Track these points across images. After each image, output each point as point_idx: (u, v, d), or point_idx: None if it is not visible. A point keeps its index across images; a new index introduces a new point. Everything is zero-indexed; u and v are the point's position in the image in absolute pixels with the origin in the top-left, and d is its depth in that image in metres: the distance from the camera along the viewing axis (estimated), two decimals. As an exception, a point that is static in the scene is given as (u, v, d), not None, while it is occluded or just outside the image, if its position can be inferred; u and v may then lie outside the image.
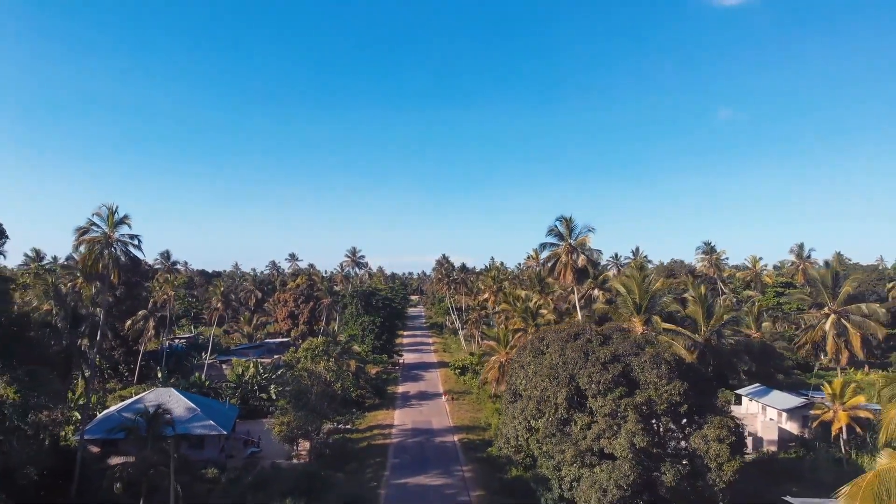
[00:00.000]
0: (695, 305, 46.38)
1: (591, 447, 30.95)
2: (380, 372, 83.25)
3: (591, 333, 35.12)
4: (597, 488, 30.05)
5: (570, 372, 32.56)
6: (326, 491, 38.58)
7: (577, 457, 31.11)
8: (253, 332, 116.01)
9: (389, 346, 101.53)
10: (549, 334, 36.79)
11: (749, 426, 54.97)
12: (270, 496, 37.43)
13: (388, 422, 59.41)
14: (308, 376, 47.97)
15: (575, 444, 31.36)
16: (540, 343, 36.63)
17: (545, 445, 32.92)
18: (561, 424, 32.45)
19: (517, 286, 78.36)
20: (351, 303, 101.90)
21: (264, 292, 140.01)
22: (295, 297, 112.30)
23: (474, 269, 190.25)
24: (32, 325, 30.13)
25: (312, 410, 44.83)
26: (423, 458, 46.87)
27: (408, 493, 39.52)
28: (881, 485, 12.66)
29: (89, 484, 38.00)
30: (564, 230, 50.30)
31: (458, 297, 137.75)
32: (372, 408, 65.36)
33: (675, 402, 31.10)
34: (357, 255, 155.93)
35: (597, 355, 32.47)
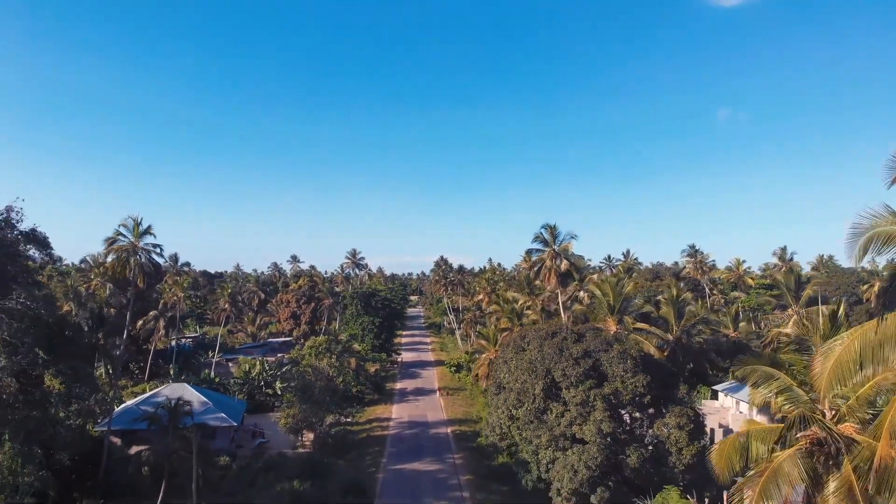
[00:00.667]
0: (667, 307, 50.30)
1: (564, 433, 34.93)
2: (379, 370, 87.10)
3: (566, 332, 39.07)
4: (569, 469, 34.04)
5: (546, 366, 36.53)
6: (329, 476, 42.55)
7: (552, 441, 35.11)
8: (257, 332, 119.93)
9: (388, 345, 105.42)
10: (530, 333, 40.79)
11: (722, 419, 59.10)
12: (278, 480, 41.46)
13: (386, 415, 63.40)
14: (312, 372, 51.93)
15: (550, 431, 35.34)
16: (521, 341, 40.61)
17: (525, 432, 36.92)
18: (538, 413, 36.43)
19: (508, 288, 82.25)
20: (351, 304, 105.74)
21: (267, 293, 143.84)
22: (297, 298, 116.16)
23: (472, 269, 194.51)
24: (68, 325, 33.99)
25: (316, 403, 48.78)
26: (418, 448, 50.87)
27: (403, 477, 43.51)
28: (738, 438, 16.60)
29: (115, 469, 42.00)
30: (549, 237, 54.30)
31: (456, 298, 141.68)
32: (371, 403, 69.34)
33: (639, 393, 35.05)
34: (357, 256, 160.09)
35: (570, 351, 36.44)
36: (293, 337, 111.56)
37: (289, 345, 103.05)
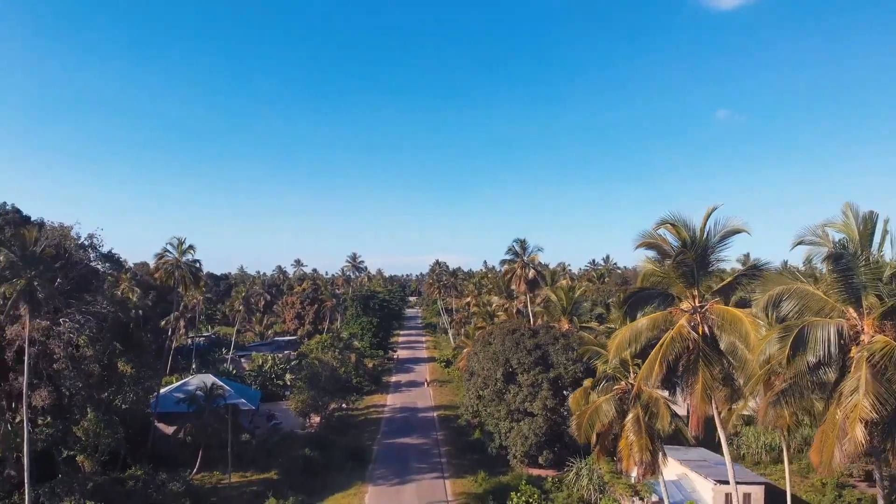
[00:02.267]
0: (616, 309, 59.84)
1: (518, 408, 44.51)
2: (376, 365, 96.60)
3: (523, 329, 48.64)
4: (521, 436, 43.67)
5: (506, 356, 46.08)
6: (334, 447, 52.07)
7: (509, 415, 44.72)
8: (264, 331, 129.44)
9: (385, 343, 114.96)
10: (496, 330, 50.42)
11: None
12: (292, 451, 50.96)
13: (381, 403, 72.94)
14: (319, 364, 61.42)
15: (508, 406, 44.93)
16: (489, 336, 50.24)
17: (489, 408, 46.54)
18: (499, 393, 45.99)
19: (491, 291, 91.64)
20: (351, 305, 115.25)
21: (272, 295, 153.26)
22: (301, 300, 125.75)
23: (470, 271, 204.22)
24: (135, 324, 43.58)
25: (322, 390, 58.29)
26: (407, 427, 60.42)
27: (394, 448, 53.07)
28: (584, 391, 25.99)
29: (158, 443, 51.51)
30: (519, 249, 63.91)
31: (449, 300, 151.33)
32: (369, 392, 78.87)
33: (577, 377, 44.47)
34: (357, 260, 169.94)
35: (524, 344, 46.00)
36: (297, 336, 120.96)
37: (294, 343, 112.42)
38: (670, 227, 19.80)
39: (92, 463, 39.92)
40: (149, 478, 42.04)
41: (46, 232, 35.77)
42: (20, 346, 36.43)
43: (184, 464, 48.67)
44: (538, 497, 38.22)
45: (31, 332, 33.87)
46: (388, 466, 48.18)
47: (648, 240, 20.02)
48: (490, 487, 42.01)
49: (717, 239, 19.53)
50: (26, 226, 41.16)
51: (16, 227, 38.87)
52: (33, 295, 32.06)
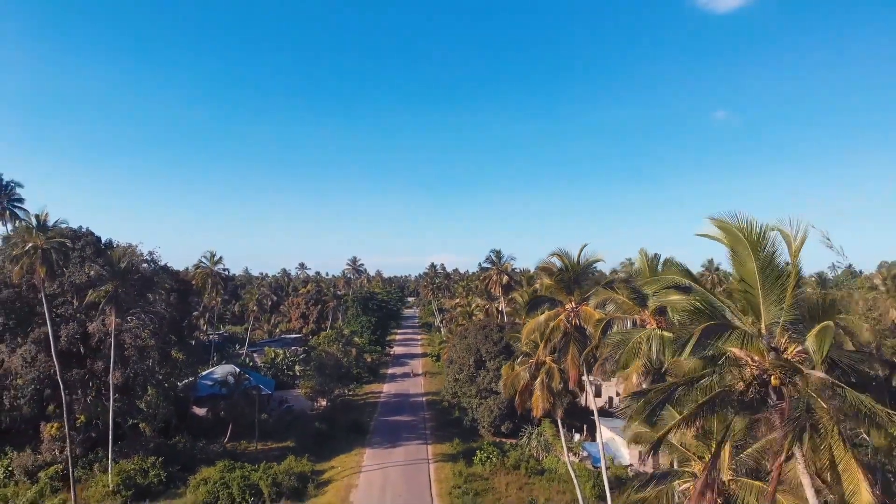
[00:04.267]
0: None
1: (486, 388, 55.71)
2: (374, 359, 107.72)
3: (493, 326, 59.90)
4: (488, 410, 54.89)
5: (477, 346, 57.31)
6: (338, 423, 63.27)
7: (478, 393, 55.94)
8: (272, 329, 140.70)
9: (383, 340, 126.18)
10: (471, 326, 61.69)
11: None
12: (304, 426, 62.15)
13: (379, 390, 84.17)
14: (325, 355, 72.62)
15: (478, 387, 56.15)
16: (465, 332, 61.52)
17: (463, 388, 57.79)
18: (471, 376, 57.21)
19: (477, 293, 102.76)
20: (352, 305, 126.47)
21: (278, 296, 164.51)
22: (306, 301, 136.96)
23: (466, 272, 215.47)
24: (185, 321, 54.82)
25: (329, 377, 69.51)
26: (400, 408, 71.67)
27: (389, 424, 64.31)
28: (512, 364, 37.37)
29: (192, 419, 62.72)
30: (495, 258, 75.23)
31: (444, 300, 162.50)
32: (367, 382, 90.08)
33: (533, 363, 55.69)
34: (357, 263, 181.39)
35: (492, 337, 57.23)
36: (302, 334, 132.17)
37: (299, 340, 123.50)
38: (558, 257, 30.92)
39: (151, 429, 51.21)
40: (192, 442, 53.44)
41: (119, 250, 46.98)
42: (99, 338, 47.80)
43: (214, 436, 59.88)
44: (497, 454, 49.55)
45: (112, 327, 45.18)
46: (382, 436, 59.46)
47: (542, 264, 31.21)
48: (462, 450, 53.21)
49: (586, 265, 30.64)
50: (99, 245, 52.48)
51: (93, 246, 50.07)
52: (117, 299, 43.36)
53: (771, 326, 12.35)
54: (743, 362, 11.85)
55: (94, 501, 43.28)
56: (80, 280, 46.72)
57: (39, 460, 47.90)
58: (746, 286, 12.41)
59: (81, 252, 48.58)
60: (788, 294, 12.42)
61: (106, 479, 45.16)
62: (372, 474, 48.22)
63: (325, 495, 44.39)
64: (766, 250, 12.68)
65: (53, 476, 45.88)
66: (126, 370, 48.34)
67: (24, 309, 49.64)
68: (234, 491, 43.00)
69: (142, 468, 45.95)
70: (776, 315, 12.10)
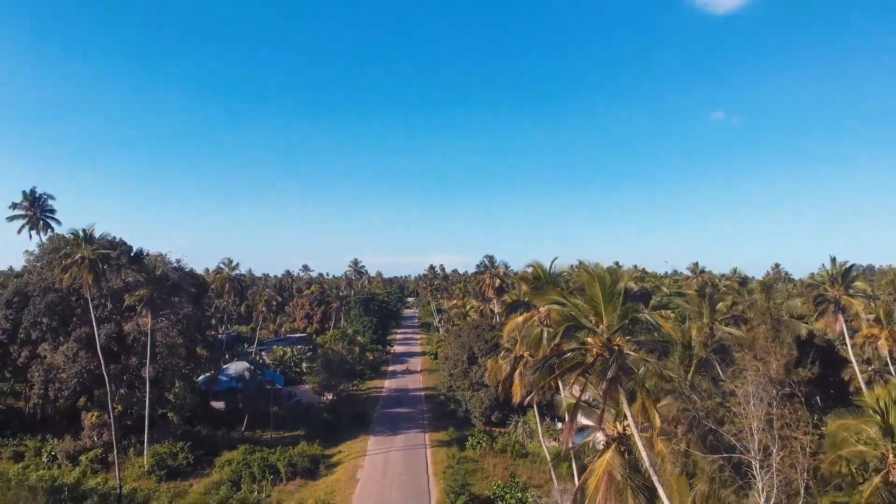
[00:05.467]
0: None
1: (477, 381, 61.76)
2: (376, 358, 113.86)
3: (484, 326, 65.98)
4: (479, 402, 60.97)
5: (470, 345, 63.38)
6: (344, 414, 69.34)
7: (471, 387, 62.01)
8: (277, 329, 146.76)
9: (384, 340, 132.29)
10: (465, 326, 67.79)
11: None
12: (314, 416, 68.22)
13: (380, 386, 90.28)
14: (332, 352, 78.67)
15: (470, 381, 62.22)
16: (459, 331, 67.61)
17: (457, 382, 63.87)
18: (465, 371, 63.27)
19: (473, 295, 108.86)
20: (355, 306, 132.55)
21: (283, 297, 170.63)
22: (310, 302, 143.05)
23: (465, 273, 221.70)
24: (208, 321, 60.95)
25: (335, 373, 75.50)
26: (400, 402, 77.79)
27: (390, 415, 70.42)
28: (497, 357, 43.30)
29: (212, 413, 68.81)
30: (489, 263, 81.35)
31: (442, 301, 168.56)
32: (370, 378, 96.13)
33: (520, 360, 61.79)
34: (358, 265, 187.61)
35: (483, 336, 63.30)
36: (307, 333, 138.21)
37: (304, 339, 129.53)
38: (533, 268, 36.99)
39: (178, 417, 57.32)
40: (212, 431, 59.54)
41: (153, 260, 53.08)
42: (133, 337, 53.96)
43: (231, 426, 65.91)
44: (487, 440, 55.69)
45: (146, 327, 51.29)
46: (384, 425, 65.60)
47: (521, 273, 37.32)
48: (456, 437, 59.29)
49: (556, 274, 36.68)
50: (131, 253, 58.54)
51: (127, 255, 56.15)
52: (153, 302, 49.45)
53: (609, 326, 18.58)
54: (590, 346, 18.14)
55: (131, 480, 49.32)
56: (117, 285, 52.83)
57: (79, 446, 53.93)
58: (594, 302, 18.77)
59: (117, 260, 54.65)
60: (619, 306, 18.74)
61: (141, 461, 51.26)
62: (375, 457, 54.32)
63: (334, 474, 50.53)
64: (604, 279, 19.02)
65: (93, 459, 51.93)
66: (157, 365, 54.42)
67: (66, 311, 55.74)
68: (255, 470, 49.08)
69: (172, 452, 52.02)
70: (611, 319, 18.36)
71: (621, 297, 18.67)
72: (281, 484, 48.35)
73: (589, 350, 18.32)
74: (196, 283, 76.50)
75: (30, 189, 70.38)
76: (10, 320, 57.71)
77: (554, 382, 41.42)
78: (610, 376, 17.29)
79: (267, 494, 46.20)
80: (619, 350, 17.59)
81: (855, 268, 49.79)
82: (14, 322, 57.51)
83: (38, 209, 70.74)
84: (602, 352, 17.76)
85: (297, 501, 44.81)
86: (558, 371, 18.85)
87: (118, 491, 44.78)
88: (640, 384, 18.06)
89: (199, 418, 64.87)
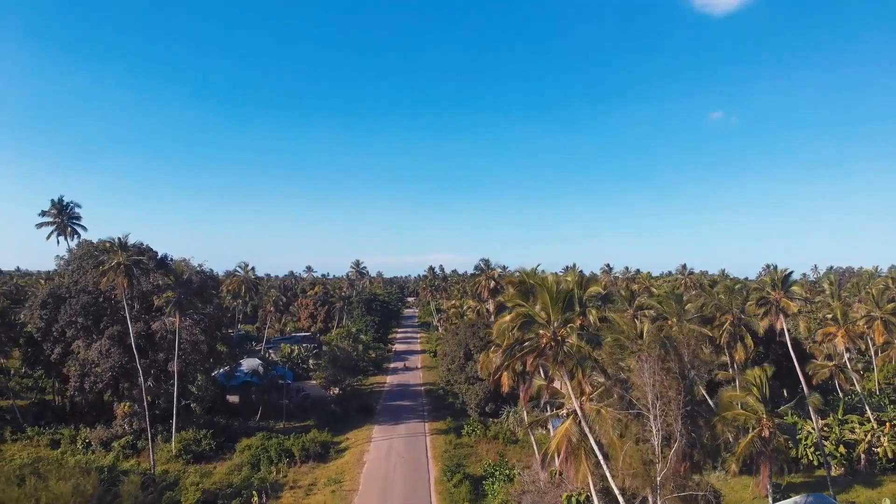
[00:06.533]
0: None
1: (473, 376, 67.24)
2: (378, 356, 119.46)
3: (480, 325, 71.53)
4: (474, 394, 66.55)
5: (466, 342, 68.91)
6: (350, 406, 74.97)
7: (467, 380, 67.57)
8: (282, 328, 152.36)
9: (385, 338, 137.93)
10: (462, 325, 73.35)
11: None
12: (322, 408, 73.85)
13: (383, 382, 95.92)
14: (338, 350, 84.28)
15: (466, 375, 67.78)
16: (457, 329, 73.18)
17: (454, 376, 69.48)
18: (461, 366, 68.82)
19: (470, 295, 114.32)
20: (357, 306, 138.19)
21: (287, 297, 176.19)
22: (314, 302, 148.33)
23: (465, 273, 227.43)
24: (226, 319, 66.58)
25: (341, 368, 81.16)
26: (402, 395, 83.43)
27: (392, 407, 76.05)
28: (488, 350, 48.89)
29: (227, 404, 74.42)
30: (484, 266, 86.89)
31: (442, 301, 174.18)
32: (372, 375, 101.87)
33: (512, 355, 67.50)
34: (360, 266, 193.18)
35: (479, 334, 68.82)
36: (311, 332, 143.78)
37: (308, 338, 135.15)
38: (520, 272, 42.54)
39: (200, 408, 62.91)
40: (230, 420, 65.15)
41: (180, 264, 58.63)
42: (161, 334, 59.51)
43: (246, 417, 71.46)
44: (481, 428, 61.30)
45: (172, 325, 56.86)
46: (387, 416, 71.25)
47: (508, 277, 42.86)
48: (454, 426, 64.93)
49: (542, 279, 42.27)
50: (157, 258, 64.05)
51: (154, 260, 61.66)
52: (181, 303, 55.03)
53: (556, 321, 24.25)
54: (542, 335, 23.81)
55: (160, 463, 54.87)
56: (146, 288, 58.41)
57: (111, 433, 59.46)
58: (544, 304, 24.41)
59: (146, 265, 60.21)
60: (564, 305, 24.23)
61: (169, 447, 56.80)
62: (380, 443, 59.93)
63: (343, 457, 56.15)
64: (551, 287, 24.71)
65: (125, 445, 57.49)
66: (181, 360, 59.98)
67: (98, 311, 61.28)
68: (272, 454, 54.65)
69: (196, 438, 57.54)
70: (557, 316, 24.00)
71: (564, 302, 24.33)
72: (296, 466, 53.89)
73: (541, 339, 23.97)
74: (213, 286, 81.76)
75: (58, 198, 75.90)
76: (45, 320, 63.19)
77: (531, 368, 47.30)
78: (559, 359, 22.94)
79: (283, 475, 51.79)
80: (562, 339, 23.20)
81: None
82: (48, 321, 63.01)
83: (65, 216, 76.25)
84: (550, 341, 23.36)
85: (311, 480, 50.40)
86: (519, 354, 24.51)
87: (152, 471, 50.34)
88: (577, 364, 23.70)
89: (216, 410, 70.54)
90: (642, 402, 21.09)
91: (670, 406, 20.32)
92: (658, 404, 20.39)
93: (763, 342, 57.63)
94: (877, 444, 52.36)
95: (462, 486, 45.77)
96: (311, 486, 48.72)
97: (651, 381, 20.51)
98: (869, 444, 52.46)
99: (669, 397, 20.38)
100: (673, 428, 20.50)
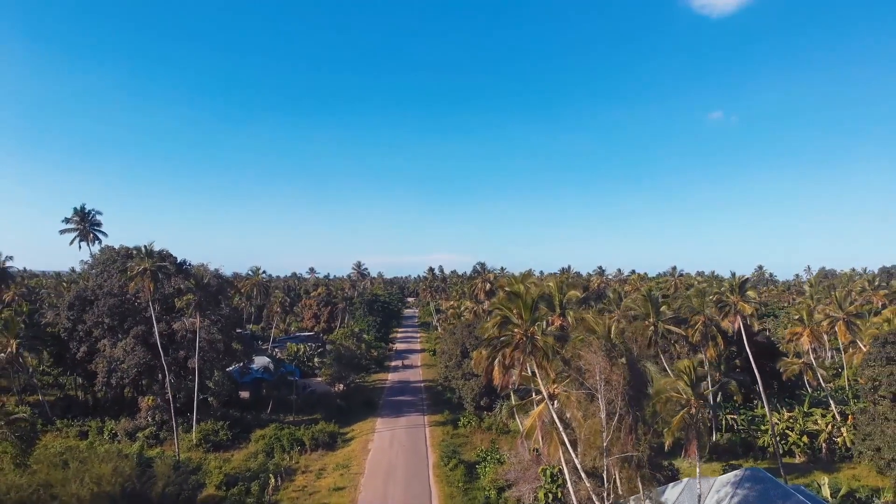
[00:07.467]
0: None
1: (469, 372, 72.44)
2: (379, 354, 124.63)
3: (476, 325, 76.70)
4: (470, 389, 71.76)
5: (463, 341, 74.10)
6: (354, 400, 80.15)
7: (463, 376, 72.79)
8: (286, 328, 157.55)
9: (386, 338, 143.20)
10: (458, 325, 78.57)
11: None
12: (328, 402, 79.07)
13: (384, 379, 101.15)
14: (342, 348, 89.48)
15: (463, 371, 72.97)
16: (454, 329, 78.38)
17: (452, 372, 74.70)
18: (458, 363, 74.01)
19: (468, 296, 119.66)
20: (359, 307, 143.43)
21: (291, 298, 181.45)
22: (317, 303, 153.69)
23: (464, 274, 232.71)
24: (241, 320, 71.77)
25: (345, 366, 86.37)
26: (403, 391, 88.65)
27: (394, 402, 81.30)
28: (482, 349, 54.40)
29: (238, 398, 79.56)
30: (481, 269, 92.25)
31: (441, 301, 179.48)
32: (375, 372, 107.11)
33: (505, 353, 72.70)
34: (361, 267, 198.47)
35: (475, 334, 73.99)
36: (314, 332, 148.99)
37: (312, 338, 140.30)
38: (508, 279, 47.73)
39: (217, 402, 68.07)
40: (243, 413, 70.34)
41: (200, 269, 63.82)
42: (182, 334, 64.70)
43: (257, 411, 76.53)
44: (476, 421, 66.54)
45: (193, 326, 62.02)
46: (389, 410, 76.49)
47: (501, 281, 48.03)
48: (451, 419, 70.19)
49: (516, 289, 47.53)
50: (177, 263, 69.19)
51: (174, 265, 66.80)
52: (201, 305, 60.21)
53: (527, 321, 29.54)
54: (516, 332, 29.09)
55: (182, 451, 60.04)
56: (168, 291, 63.59)
57: (136, 425, 64.58)
58: (520, 309, 29.67)
59: (168, 270, 65.40)
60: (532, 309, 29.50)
61: (190, 437, 61.97)
62: (383, 434, 65.14)
63: (350, 446, 61.38)
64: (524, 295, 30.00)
65: (149, 436, 62.62)
66: (200, 358, 65.17)
67: (123, 312, 66.47)
68: (284, 443, 59.84)
69: (214, 429, 62.69)
70: (529, 317, 29.25)
71: (533, 306, 29.61)
72: (306, 454, 59.07)
73: (515, 336, 29.22)
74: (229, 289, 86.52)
75: (80, 206, 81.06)
76: (71, 320, 68.36)
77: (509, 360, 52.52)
78: (528, 351, 28.21)
79: (295, 461, 57.02)
80: (532, 336, 28.40)
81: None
82: (74, 322, 68.18)
83: (87, 223, 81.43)
84: (522, 336, 28.60)
85: (321, 466, 55.61)
86: (499, 347, 29.62)
87: (177, 458, 55.51)
88: (544, 355, 28.88)
89: (231, 404, 75.69)
90: (593, 384, 26.25)
91: (613, 386, 25.53)
92: (605, 386, 25.59)
93: (735, 342, 62.67)
94: (837, 435, 57.52)
95: (458, 469, 51.00)
96: (321, 471, 53.91)
97: (598, 368, 25.67)
98: (830, 434, 57.62)
99: (613, 381, 25.55)
100: (617, 405, 25.69)
